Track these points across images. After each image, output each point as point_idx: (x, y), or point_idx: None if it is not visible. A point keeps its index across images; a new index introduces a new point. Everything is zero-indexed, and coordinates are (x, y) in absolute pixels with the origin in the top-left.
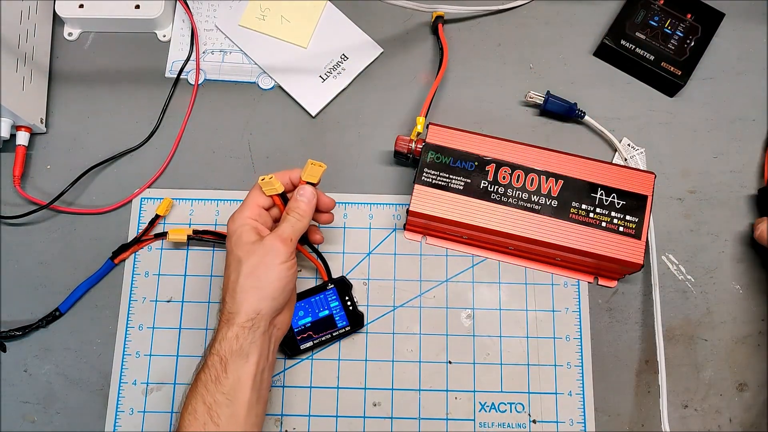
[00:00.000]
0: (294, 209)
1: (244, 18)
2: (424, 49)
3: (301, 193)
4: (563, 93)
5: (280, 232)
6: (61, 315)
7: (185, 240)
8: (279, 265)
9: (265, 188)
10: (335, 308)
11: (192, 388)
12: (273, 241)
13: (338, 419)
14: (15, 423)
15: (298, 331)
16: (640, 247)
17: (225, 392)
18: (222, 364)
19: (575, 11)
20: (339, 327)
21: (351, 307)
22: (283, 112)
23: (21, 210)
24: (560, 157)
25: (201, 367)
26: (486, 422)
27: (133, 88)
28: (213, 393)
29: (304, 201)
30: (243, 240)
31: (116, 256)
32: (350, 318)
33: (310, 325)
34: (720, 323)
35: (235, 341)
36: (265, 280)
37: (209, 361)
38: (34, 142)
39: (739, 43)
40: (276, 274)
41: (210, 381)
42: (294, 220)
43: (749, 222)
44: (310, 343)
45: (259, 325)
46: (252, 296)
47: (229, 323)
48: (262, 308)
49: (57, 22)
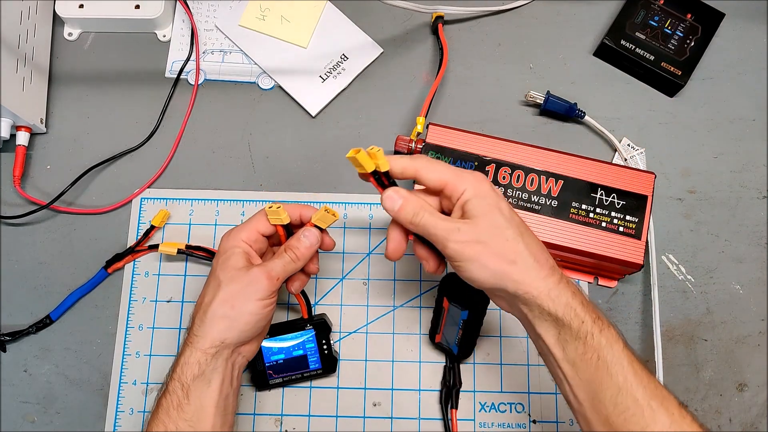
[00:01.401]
0: (293, 248)
1: (244, 18)
2: (424, 49)
3: (306, 234)
4: (563, 93)
5: (270, 267)
6: (51, 322)
7: (175, 254)
8: (257, 301)
9: (270, 216)
10: (310, 350)
11: (153, 415)
12: (259, 275)
13: (338, 419)
14: (15, 423)
15: (270, 366)
16: (640, 247)
17: (187, 419)
18: (183, 390)
19: (575, 11)
20: (311, 369)
21: (326, 350)
22: (283, 112)
23: (21, 210)
24: (560, 157)
25: (162, 393)
26: (486, 422)
27: (133, 88)
28: (175, 420)
29: (305, 245)
30: (230, 263)
31: (110, 265)
32: (324, 361)
33: (282, 362)
34: (720, 323)
35: (197, 366)
36: (238, 311)
37: (170, 386)
38: (34, 142)
39: (739, 43)
40: (251, 308)
41: (172, 407)
42: (288, 260)
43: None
44: (279, 379)
45: (222, 353)
46: (221, 324)
47: (192, 346)
48: (227, 338)
49: (57, 22)
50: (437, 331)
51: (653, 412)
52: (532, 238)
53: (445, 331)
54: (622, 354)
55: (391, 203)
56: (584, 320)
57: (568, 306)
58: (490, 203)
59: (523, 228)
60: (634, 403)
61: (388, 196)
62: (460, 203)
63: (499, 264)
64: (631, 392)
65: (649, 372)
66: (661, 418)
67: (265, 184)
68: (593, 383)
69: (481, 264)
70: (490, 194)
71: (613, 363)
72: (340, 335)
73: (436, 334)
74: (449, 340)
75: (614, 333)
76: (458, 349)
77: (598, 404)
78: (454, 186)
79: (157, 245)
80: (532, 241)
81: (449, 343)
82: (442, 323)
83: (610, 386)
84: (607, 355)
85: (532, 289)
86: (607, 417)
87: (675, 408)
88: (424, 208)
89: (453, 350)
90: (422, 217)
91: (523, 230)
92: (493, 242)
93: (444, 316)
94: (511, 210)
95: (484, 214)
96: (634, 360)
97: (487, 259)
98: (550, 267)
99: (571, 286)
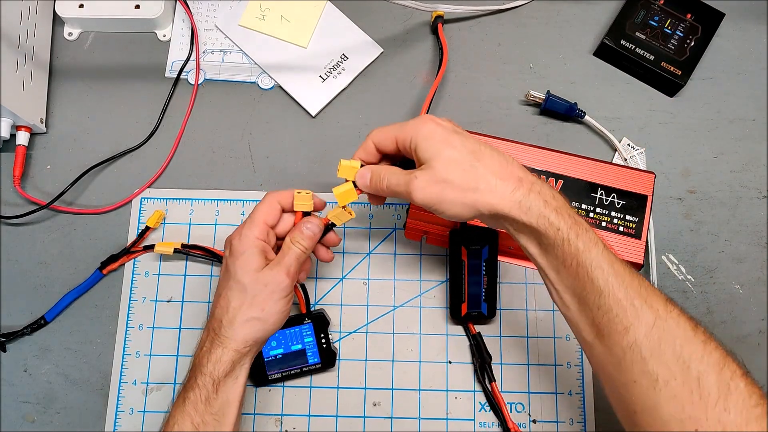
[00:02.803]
0: (299, 241)
1: (244, 18)
2: (424, 49)
3: (308, 226)
4: (563, 93)
5: (287, 264)
6: (46, 323)
7: (171, 253)
8: (282, 299)
9: (297, 201)
10: (309, 344)
11: (178, 406)
12: (280, 275)
13: (338, 419)
14: (15, 423)
15: (268, 361)
16: (640, 246)
17: (214, 413)
18: (214, 386)
19: (575, 11)
20: (310, 363)
21: (325, 344)
22: (283, 112)
23: (21, 210)
24: (560, 156)
25: (189, 386)
26: (486, 422)
27: (133, 88)
28: (202, 413)
29: (309, 236)
30: (250, 265)
31: (105, 266)
32: (323, 355)
33: (281, 356)
34: (720, 323)
35: (230, 364)
36: (268, 312)
37: (200, 381)
38: (34, 142)
39: (739, 43)
40: (279, 307)
41: (200, 401)
42: (299, 252)
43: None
44: (278, 374)
45: (253, 350)
46: (253, 326)
47: (224, 346)
48: (260, 337)
49: (57, 22)
50: (462, 299)
51: (636, 311)
52: (492, 158)
53: (470, 289)
54: (601, 257)
55: (362, 179)
56: (559, 227)
57: (541, 216)
58: (438, 140)
59: (479, 151)
60: (617, 303)
61: (360, 174)
62: (413, 151)
63: (463, 195)
64: (614, 293)
65: (631, 271)
66: (645, 316)
67: (265, 184)
68: (576, 288)
69: (449, 201)
70: (437, 131)
71: (593, 267)
72: (340, 335)
73: (461, 303)
74: (476, 299)
75: (592, 236)
76: (487, 305)
77: (584, 308)
78: (402, 138)
79: (152, 246)
80: (491, 161)
81: (477, 304)
82: (465, 280)
83: (592, 290)
84: (586, 260)
85: (502, 207)
86: (593, 319)
87: (660, 304)
88: (386, 172)
89: (483, 311)
90: (386, 180)
91: (479, 154)
92: (451, 177)
93: (465, 270)
94: (462, 138)
95: (435, 154)
96: (615, 261)
97: (451, 195)
98: (516, 180)
99: (543, 195)
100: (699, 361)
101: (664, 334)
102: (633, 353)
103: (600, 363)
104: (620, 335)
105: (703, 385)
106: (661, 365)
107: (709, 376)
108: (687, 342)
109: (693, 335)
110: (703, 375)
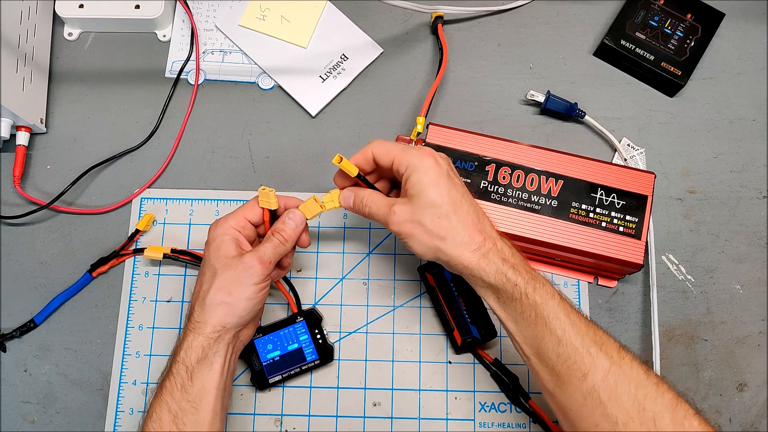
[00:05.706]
0: (279, 231)
1: (244, 18)
2: (424, 49)
3: (290, 216)
4: (563, 93)
5: (261, 252)
6: (35, 326)
7: (161, 258)
8: (252, 286)
9: (261, 197)
10: (304, 342)
11: (157, 396)
12: (252, 260)
13: (338, 419)
14: (15, 423)
15: (267, 364)
16: (640, 247)
17: (191, 400)
18: (188, 373)
19: (575, 11)
20: (308, 361)
21: (321, 340)
22: (283, 112)
23: (21, 210)
24: (560, 157)
25: (165, 375)
26: (486, 422)
27: (133, 88)
28: (179, 401)
29: (291, 226)
30: (221, 252)
31: (95, 269)
32: (320, 352)
33: (278, 359)
34: (720, 323)
35: (200, 350)
36: (236, 297)
37: (174, 368)
38: (34, 142)
39: (739, 43)
40: (248, 293)
41: (176, 389)
42: (277, 242)
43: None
44: (279, 377)
45: (224, 337)
46: (221, 311)
47: (195, 332)
48: (227, 323)
49: (57, 22)
50: (451, 327)
51: (593, 357)
52: (468, 212)
53: (453, 317)
54: (558, 308)
55: (345, 201)
56: (517, 283)
57: (498, 273)
58: (429, 179)
59: (459, 203)
60: (575, 351)
61: (344, 196)
62: (404, 179)
63: (431, 240)
64: (571, 342)
65: (586, 320)
66: (601, 362)
67: (265, 184)
68: (536, 338)
69: (417, 241)
70: (432, 169)
71: (550, 317)
72: (340, 335)
73: (452, 331)
74: (463, 325)
75: (549, 290)
76: (476, 328)
77: (543, 356)
78: (399, 162)
79: (143, 249)
80: (466, 216)
81: (466, 330)
82: (445, 308)
83: (550, 339)
84: (544, 311)
85: (463, 261)
86: (552, 367)
87: (614, 351)
88: (369, 197)
89: (475, 335)
90: (368, 206)
91: (458, 205)
92: (425, 220)
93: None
94: (450, 184)
95: (420, 192)
96: (571, 311)
97: (420, 236)
98: (481, 239)
99: (501, 253)
100: (653, 403)
101: (619, 378)
102: (592, 398)
103: (563, 410)
104: (579, 381)
105: (659, 425)
106: (619, 408)
107: (664, 416)
108: (640, 385)
109: (645, 378)
110: (659, 416)
